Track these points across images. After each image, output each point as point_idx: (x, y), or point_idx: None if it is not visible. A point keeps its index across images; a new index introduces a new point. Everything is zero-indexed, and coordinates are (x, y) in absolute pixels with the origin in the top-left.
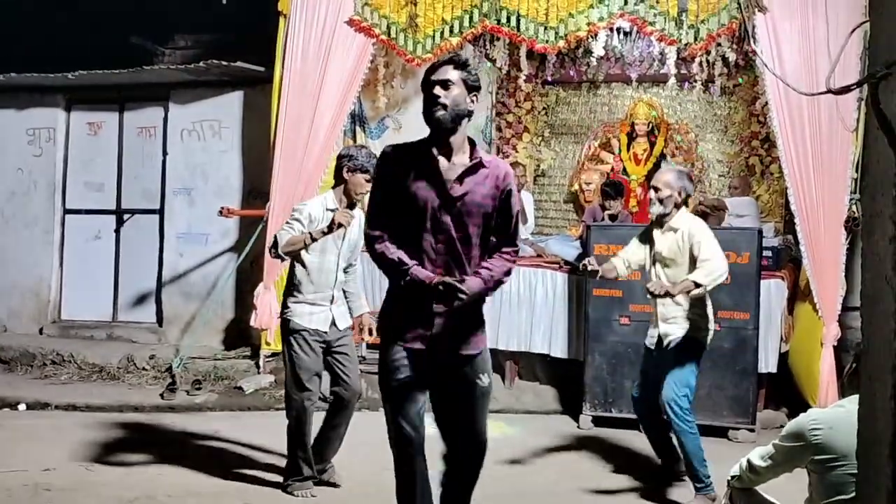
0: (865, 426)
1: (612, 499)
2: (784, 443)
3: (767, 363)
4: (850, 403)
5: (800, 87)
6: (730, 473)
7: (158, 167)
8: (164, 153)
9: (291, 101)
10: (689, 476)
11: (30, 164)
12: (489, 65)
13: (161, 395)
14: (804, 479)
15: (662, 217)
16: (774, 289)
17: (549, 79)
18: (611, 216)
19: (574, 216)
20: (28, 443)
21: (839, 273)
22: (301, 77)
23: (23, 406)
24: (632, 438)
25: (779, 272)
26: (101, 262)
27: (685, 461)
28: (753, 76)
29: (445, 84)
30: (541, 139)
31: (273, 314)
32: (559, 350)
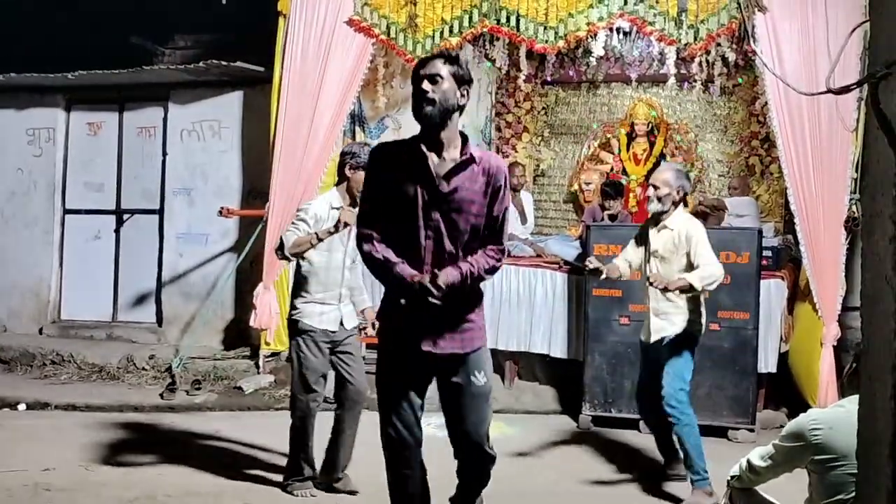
0: (865, 426)
1: (612, 498)
2: (784, 443)
3: (767, 363)
4: (850, 403)
5: (800, 87)
6: (729, 473)
7: (158, 167)
8: (164, 153)
9: (291, 101)
10: (687, 467)
11: (30, 164)
12: (489, 65)
13: (161, 395)
14: (804, 479)
15: (660, 215)
16: (774, 289)
17: (549, 79)
18: (610, 216)
19: (574, 216)
20: (28, 443)
21: (839, 273)
22: (301, 77)
23: (23, 406)
24: (631, 438)
25: (779, 272)
26: (101, 262)
27: (683, 452)
28: (753, 76)
29: (434, 78)
30: (540, 139)
31: (273, 314)
32: (559, 350)
